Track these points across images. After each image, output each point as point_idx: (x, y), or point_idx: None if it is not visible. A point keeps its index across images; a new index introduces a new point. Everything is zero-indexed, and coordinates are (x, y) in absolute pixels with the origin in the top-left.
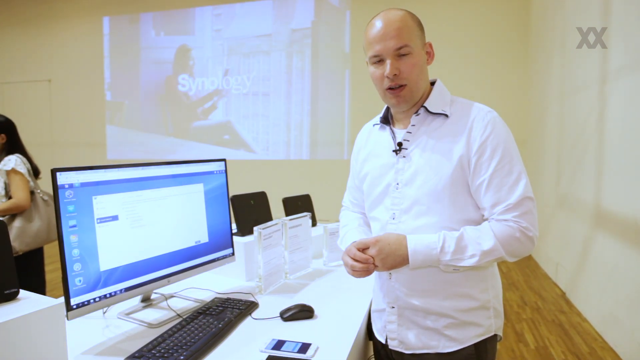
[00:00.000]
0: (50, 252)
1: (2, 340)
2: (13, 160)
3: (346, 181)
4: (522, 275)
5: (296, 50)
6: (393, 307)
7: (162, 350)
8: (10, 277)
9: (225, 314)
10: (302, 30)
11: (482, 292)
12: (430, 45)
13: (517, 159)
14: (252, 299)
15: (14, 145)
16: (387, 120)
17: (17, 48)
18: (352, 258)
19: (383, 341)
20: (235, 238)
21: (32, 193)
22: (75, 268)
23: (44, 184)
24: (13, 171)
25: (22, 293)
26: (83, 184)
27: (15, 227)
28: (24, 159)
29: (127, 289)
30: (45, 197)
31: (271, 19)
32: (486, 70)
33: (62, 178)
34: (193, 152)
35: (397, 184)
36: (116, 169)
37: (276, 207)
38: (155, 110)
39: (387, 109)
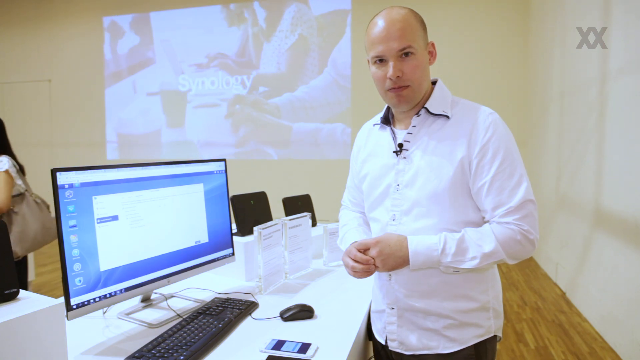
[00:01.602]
0: (51, 252)
1: (2, 340)
2: (6, 162)
3: (346, 181)
4: (522, 275)
5: (297, 49)
6: (393, 309)
7: (162, 350)
8: (10, 277)
9: (225, 314)
10: (303, 29)
11: (482, 293)
12: (433, 44)
13: (518, 162)
14: (252, 299)
15: (3, 144)
16: (387, 120)
17: (17, 48)
18: (352, 259)
19: (383, 342)
20: (235, 238)
21: (23, 195)
22: (75, 268)
23: (44, 184)
24: (6, 172)
25: (22, 293)
26: (83, 184)
27: (16, 232)
28: (13, 161)
29: (127, 289)
30: (38, 200)
31: (273, 19)
32: (486, 70)
33: (62, 178)
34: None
35: (398, 185)
36: (116, 169)
37: (276, 207)
38: (155, 111)
39: (388, 108)
